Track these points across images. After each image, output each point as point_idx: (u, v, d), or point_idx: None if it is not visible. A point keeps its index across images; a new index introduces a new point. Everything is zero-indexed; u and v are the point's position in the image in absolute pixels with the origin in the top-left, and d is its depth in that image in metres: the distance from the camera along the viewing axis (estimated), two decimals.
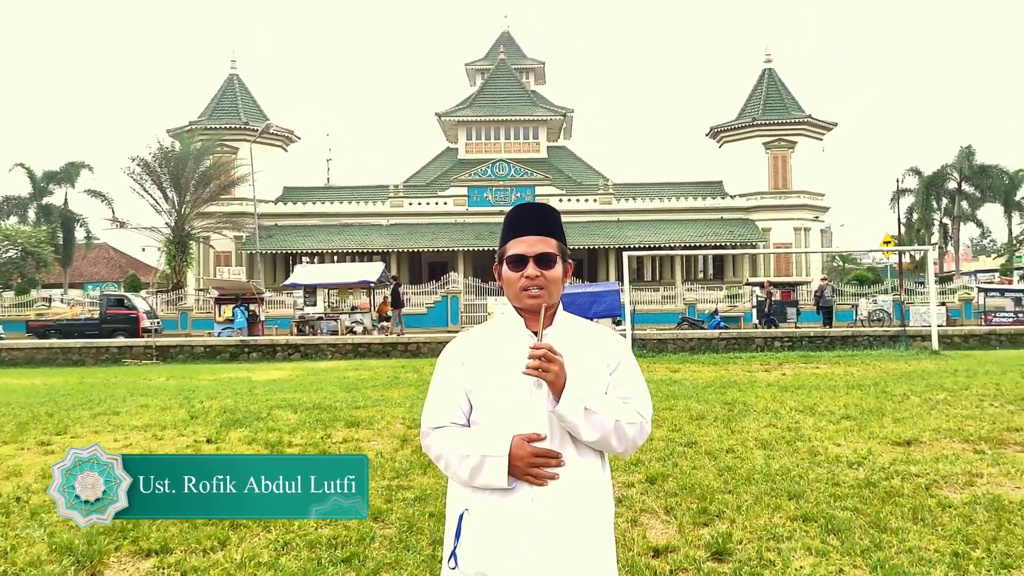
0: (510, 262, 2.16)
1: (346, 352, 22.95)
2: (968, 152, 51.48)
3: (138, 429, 8.98)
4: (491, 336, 2.21)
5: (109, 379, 16.33)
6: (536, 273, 2.11)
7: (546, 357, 1.98)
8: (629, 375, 2.19)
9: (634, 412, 2.12)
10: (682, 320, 31.19)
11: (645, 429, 2.15)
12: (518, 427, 2.05)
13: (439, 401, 2.17)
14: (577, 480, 2.06)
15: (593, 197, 46.10)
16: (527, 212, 2.21)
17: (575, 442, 2.08)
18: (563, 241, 2.21)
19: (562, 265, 2.18)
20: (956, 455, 6.71)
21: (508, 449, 2.01)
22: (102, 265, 61.09)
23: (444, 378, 2.18)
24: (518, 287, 2.13)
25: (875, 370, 15.01)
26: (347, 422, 9.19)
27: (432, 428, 2.16)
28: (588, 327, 2.26)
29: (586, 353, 2.14)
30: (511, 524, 2.02)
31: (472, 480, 2.05)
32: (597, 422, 2.03)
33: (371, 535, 4.74)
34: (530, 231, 2.16)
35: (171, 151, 39.82)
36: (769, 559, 4.23)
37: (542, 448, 2.03)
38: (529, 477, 2.01)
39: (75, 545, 4.49)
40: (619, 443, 2.08)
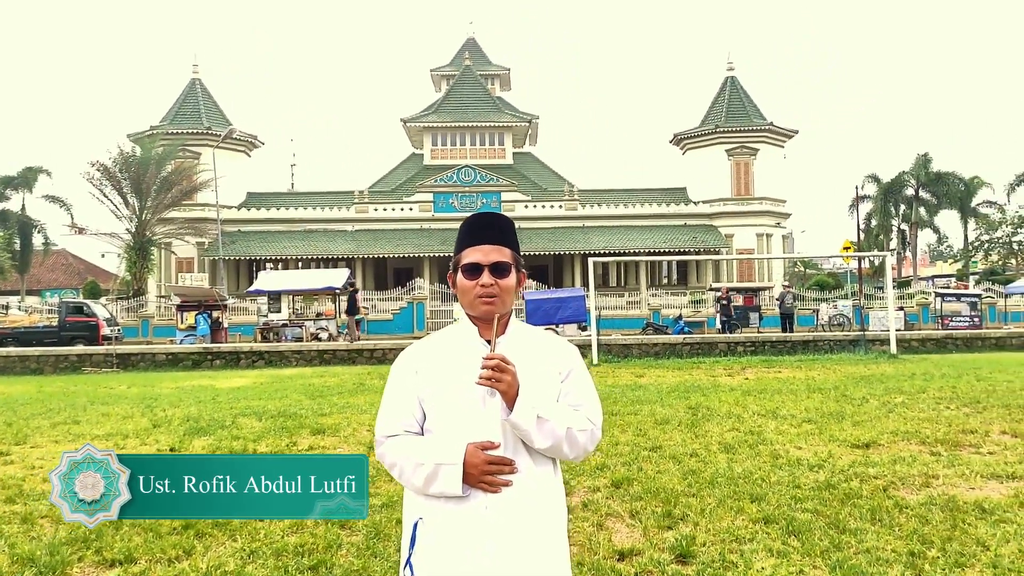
0: (465, 270, 2.18)
1: (311, 359, 22.80)
2: (925, 160, 52.57)
3: (99, 438, 8.85)
4: (444, 344, 2.23)
5: (69, 388, 16.07)
6: (491, 282, 2.14)
7: (499, 367, 2.01)
8: (580, 383, 2.23)
9: (585, 419, 2.16)
10: (647, 325, 31.45)
11: (596, 435, 2.19)
12: (472, 435, 2.07)
13: (393, 409, 2.18)
14: (530, 487, 2.09)
15: (559, 203, 46.28)
16: (482, 221, 2.24)
17: (528, 449, 2.11)
18: (517, 250, 2.25)
19: (516, 274, 2.21)
20: (913, 457, 6.86)
21: (462, 457, 2.03)
22: (60, 272, 60.03)
23: (397, 386, 2.20)
24: (473, 295, 2.16)
25: (835, 374, 15.26)
26: (312, 429, 9.15)
27: (386, 436, 2.17)
28: (540, 335, 2.30)
29: (538, 361, 2.18)
30: (466, 532, 2.04)
31: (426, 488, 2.07)
32: (549, 430, 2.07)
33: (338, 542, 4.74)
34: (485, 240, 2.20)
35: (132, 156, 39.26)
36: (732, 561, 4.30)
37: (496, 456, 2.06)
38: (483, 485, 2.04)
39: (37, 556, 4.44)
40: (571, 450, 2.13)
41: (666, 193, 48.57)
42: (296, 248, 43.32)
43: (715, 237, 44.70)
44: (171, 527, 5.09)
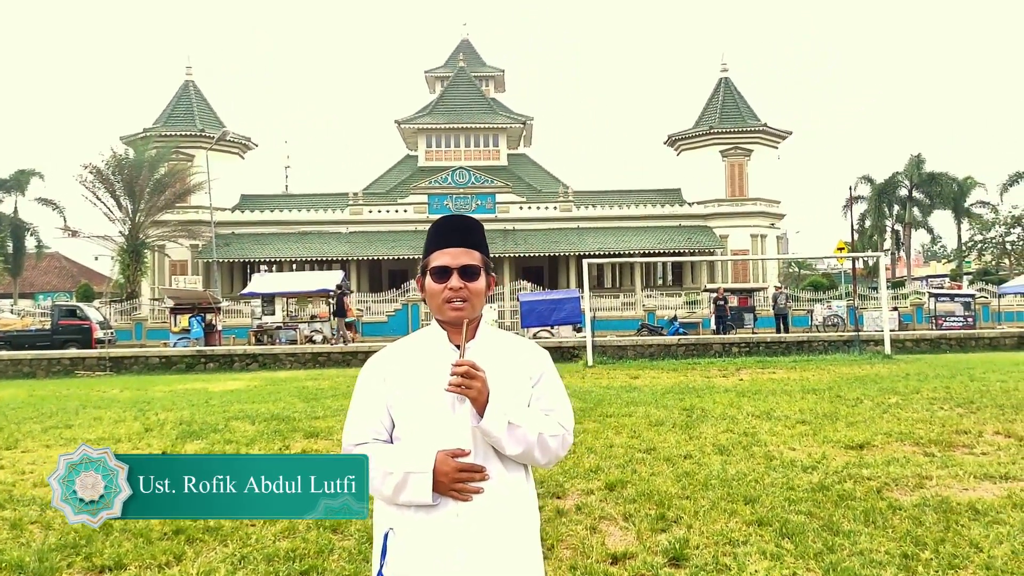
0: (434, 274, 2.15)
1: (305, 362, 22.75)
2: (918, 160, 52.70)
3: (91, 442, 8.80)
4: (413, 350, 2.19)
5: (61, 391, 15.99)
6: (460, 285, 2.11)
7: (468, 374, 1.98)
8: (551, 387, 2.20)
9: (556, 424, 2.13)
10: (642, 327, 31.45)
11: (567, 440, 2.16)
12: (441, 442, 2.04)
13: (360, 417, 2.15)
14: (502, 493, 2.07)
15: (553, 204, 46.29)
16: (451, 224, 2.20)
17: (499, 456, 2.08)
18: (487, 253, 2.22)
19: (485, 278, 2.18)
20: (907, 458, 6.86)
21: (432, 465, 2.00)
22: (53, 275, 59.82)
23: (365, 393, 2.17)
24: (441, 299, 2.13)
25: (830, 375, 15.26)
26: (306, 433, 9.12)
27: (354, 444, 2.14)
28: (510, 339, 2.27)
29: (508, 366, 2.15)
30: (437, 541, 2.01)
31: (396, 497, 2.04)
32: (520, 436, 2.05)
33: (330, 547, 4.72)
34: (454, 243, 2.16)
35: (125, 158, 39.21)
36: (725, 564, 4.29)
37: (466, 463, 2.03)
38: (454, 493, 2.01)
39: (26, 563, 4.41)
40: (542, 455, 2.10)
41: (661, 194, 48.62)
42: (290, 250, 43.26)
43: (710, 238, 44.75)
44: (161, 532, 5.06)
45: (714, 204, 46.24)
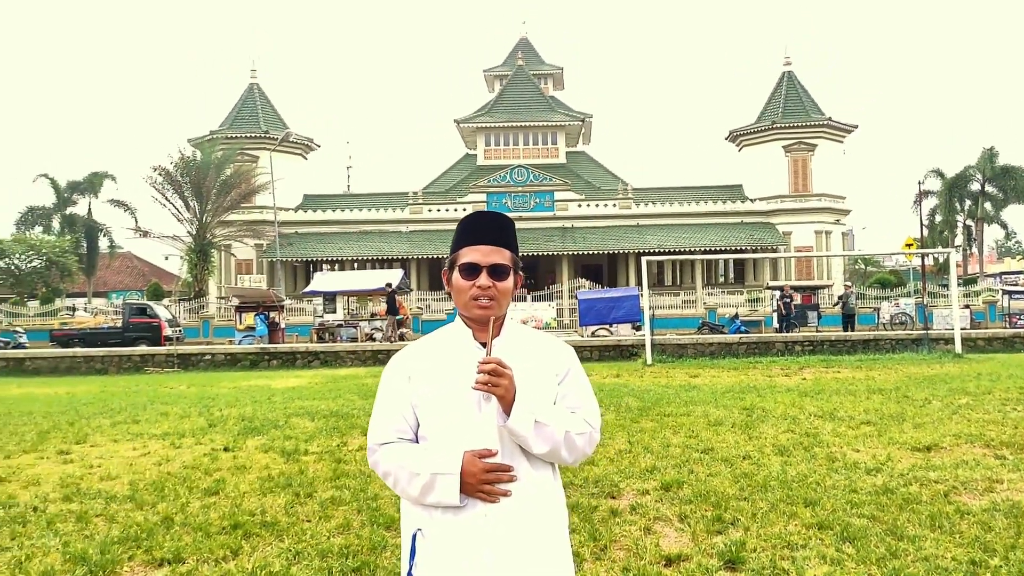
0: (463, 270, 2.12)
1: (365, 359, 23.00)
2: (991, 153, 51.00)
3: (156, 437, 9.04)
4: (438, 348, 2.17)
5: (130, 387, 16.47)
6: (489, 283, 2.08)
7: (495, 372, 1.95)
8: (577, 385, 2.17)
9: (583, 422, 2.10)
10: (702, 325, 31.06)
11: (594, 439, 2.13)
12: (468, 441, 2.02)
13: (385, 416, 2.13)
14: (530, 493, 2.04)
15: (612, 202, 46.00)
16: (483, 221, 2.17)
17: (526, 454, 2.06)
18: (516, 252, 2.20)
19: (514, 277, 2.16)
20: (977, 461, 6.61)
21: (459, 466, 1.98)
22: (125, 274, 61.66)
23: (390, 392, 2.14)
24: (468, 296, 2.10)
25: (897, 374, 14.85)
26: (363, 430, 9.20)
27: (379, 444, 2.11)
28: (536, 336, 2.24)
29: (534, 363, 2.12)
30: (465, 542, 1.99)
31: (423, 498, 2.02)
32: (548, 434, 2.02)
33: (383, 544, 4.74)
34: (485, 240, 2.13)
35: (192, 160, 40.24)
36: (783, 568, 4.18)
37: (494, 463, 2.01)
38: (481, 494, 1.99)
39: (89, 555, 4.53)
40: (569, 454, 2.07)
41: (722, 190, 47.95)
42: (351, 249, 43.84)
43: (772, 235, 43.97)
44: (220, 526, 5.16)
45: (777, 200, 45.41)
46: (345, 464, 7.16)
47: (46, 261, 45.70)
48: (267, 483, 6.45)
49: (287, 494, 6.05)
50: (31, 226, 50.02)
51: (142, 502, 5.89)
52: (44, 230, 50.32)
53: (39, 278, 46.18)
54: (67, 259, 45.82)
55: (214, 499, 5.97)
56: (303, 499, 5.91)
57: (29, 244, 45.98)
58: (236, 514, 5.44)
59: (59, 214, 50.64)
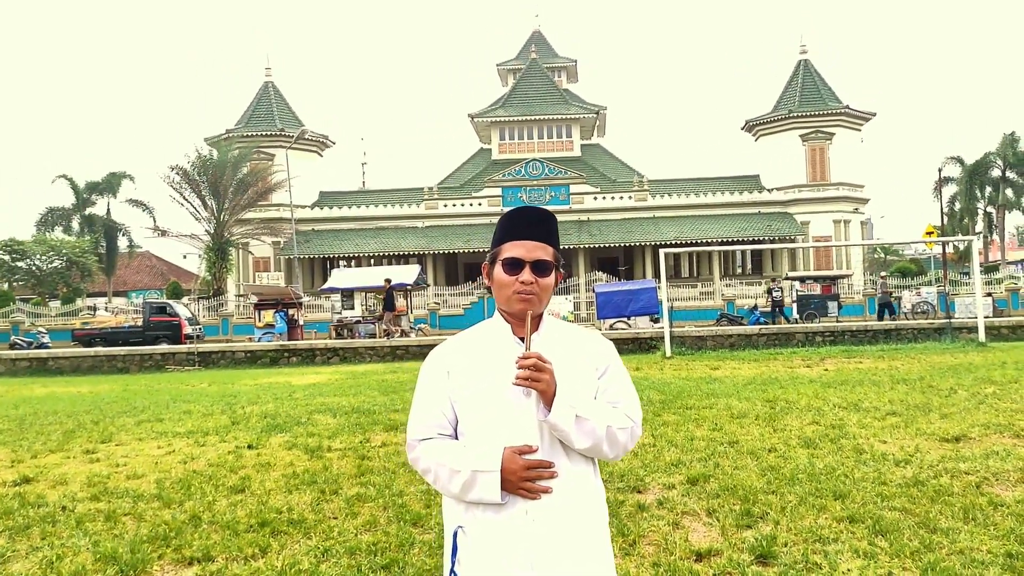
0: (506, 264, 2.10)
1: (384, 355, 23.05)
2: (1012, 139, 50.47)
3: (181, 436, 9.08)
4: (477, 343, 2.15)
5: (153, 386, 16.58)
6: (532, 279, 2.07)
7: (535, 367, 1.94)
8: (618, 379, 2.15)
9: (624, 416, 2.09)
10: (721, 316, 30.90)
11: (636, 433, 2.12)
12: (508, 437, 2.01)
13: (424, 412, 2.12)
14: (571, 489, 2.02)
15: (628, 194, 45.85)
16: (528, 216, 2.15)
17: (567, 450, 2.04)
18: (558, 249, 2.18)
19: (555, 274, 2.14)
20: (1007, 451, 6.52)
21: (500, 463, 1.97)
22: (145, 273, 62.14)
23: (429, 388, 2.14)
24: (511, 291, 2.08)
25: (920, 364, 14.72)
26: (385, 426, 9.21)
27: (418, 440, 2.11)
28: (574, 331, 2.21)
29: (574, 358, 2.10)
30: (507, 539, 1.98)
31: (464, 495, 2.01)
32: (589, 429, 2.00)
33: (411, 540, 4.73)
34: (530, 236, 2.11)
35: (209, 159, 40.47)
36: (815, 562, 4.13)
37: (534, 460, 1.99)
38: (522, 491, 1.97)
39: (119, 554, 4.54)
40: (611, 449, 2.05)
41: (738, 181, 47.68)
42: (368, 245, 43.94)
43: (790, 225, 43.69)
44: (247, 524, 5.17)
45: (794, 190, 45.12)
46: (369, 461, 7.16)
47: (66, 261, 46.12)
48: (292, 480, 6.45)
49: (313, 491, 6.05)
50: (51, 227, 50.49)
51: (169, 500, 5.91)
52: (64, 230, 50.79)
53: (60, 278, 46.60)
54: (87, 259, 46.23)
55: (240, 497, 5.99)
56: (329, 496, 5.91)
57: (50, 245, 46.41)
58: (263, 512, 5.45)
59: (78, 214, 51.10)
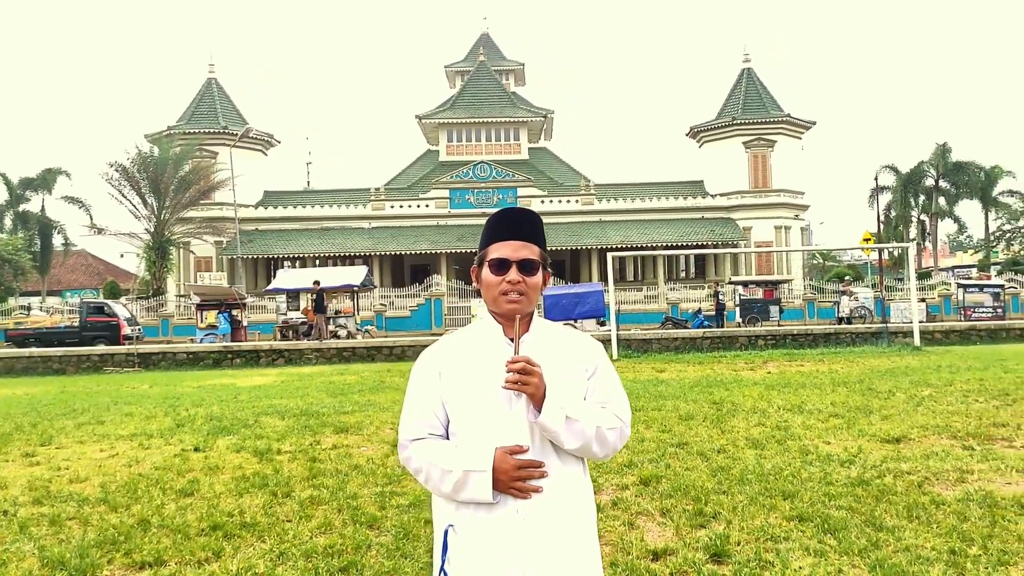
0: (492, 265, 2.12)
1: (330, 357, 22.84)
2: (944, 149, 52.05)
3: (124, 438, 8.88)
4: (467, 344, 2.16)
5: (91, 388, 16.17)
6: (519, 279, 2.08)
7: (524, 370, 1.96)
8: (607, 380, 2.17)
9: (614, 417, 2.11)
10: (666, 320, 31.31)
11: (625, 433, 2.14)
12: (499, 438, 2.02)
13: (416, 412, 2.13)
14: (561, 489, 2.05)
15: (575, 198, 46.14)
16: (513, 216, 2.17)
17: (557, 450, 2.06)
18: (545, 249, 2.19)
19: (542, 273, 2.16)
20: (946, 452, 6.75)
21: (492, 463, 1.98)
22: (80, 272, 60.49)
23: (420, 388, 2.14)
24: (498, 291, 2.10)
25: (859, 367, 15.12)
26: (335, 428, 9.14)
27: (410, 440, 2.11)
28: (563, 332, 2.24)
29: (563, 359, 2.12)
30: (498, 538, 1.99)
31: (455, 495, 2.02)
32: (579, 430, 2.02)
33: (367, 543, 4.71)
34: (515, 236, 2.13)
35: (150, 156, 39.52)
36: (768, 560, 4.23)
37: (525, 459, 2.01)
38: (513, 490, 1.99)
39: (67, 559, 4.43)
40: (600, 449, 2.08)
41: (683, 186, 48.32)
42: (313, 246, 43.43)
43: (733, 230, 44.44)
44: (199, 528, 5.08)
45: (737, 196, 45.90)
46: (320, 463, 7.10)
47: None
48: (242, 483, 6.36)
49: (264, 494, 5.97)
50: None
51: (116, 504, 5.78)
52: None
53: None
54: (20, 257, 44.80)
55: (190, 500, 5.88)
56: (281, 499, 5.84)
57: None
58: (214, 515, 5.36)
59: (11, 211, 49.49)
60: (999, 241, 57.00)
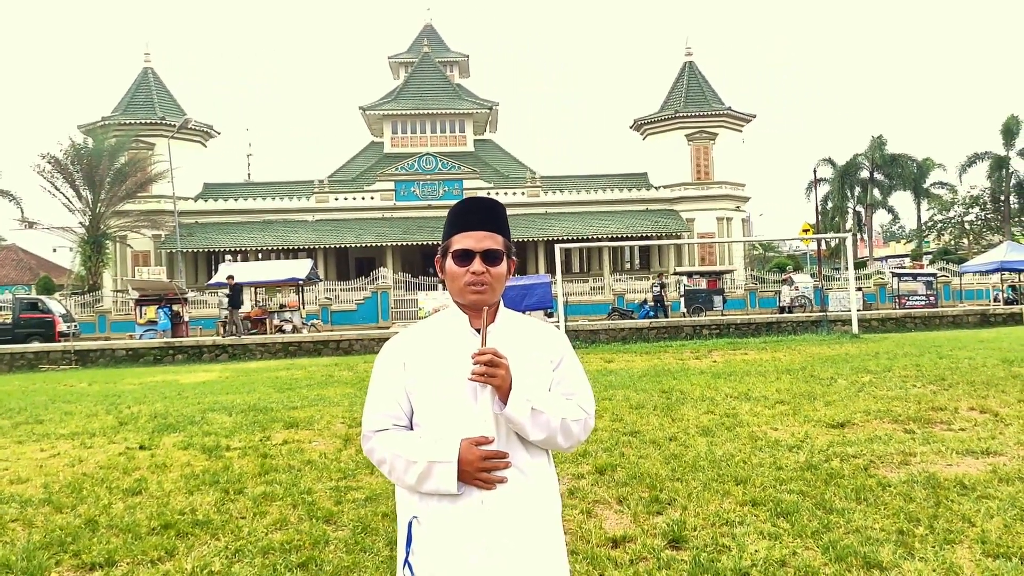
0: (456, 256, 2.10)
1: (276, 352, 22.52)
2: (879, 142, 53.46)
3: (65, 438, 8.63)
4: (432, 335, 2.14)
5: (27, 386, 15.68)
6: (483, 269, 2.07)
7: (491, 362, 1.95)
8: (572, 371, 2.18)
9: (578, 408, 2.12)
10: (612, 310, 31.59)
11: (589, 424, 2.15)
12: (464, 429, 2.01)
13: (380, 403, 2.10)
14: (526, 480, 2.04)
15: (521, 190, 46.19)
16: (476, 206, 2.16)
17: (522, 442, 2.06)
18: (509, 238, 2.18)
19: (507, 262, 2.15)
20: (889, 435, 6.94)
21: (457, 454, 1.97)
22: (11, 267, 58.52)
23: (384, 379, 2.12)
24: (463, 282, 2.08)
25: (801, 355, 15.44)
26: (286, 423, 9.02)
27: (373, 431, 2.08)
28: (529, 323, 2.23)
29: (529, 350, 2.12)
30: (462, 529, 1.98)
31: (419, 486, 2.00)
32: (544, 421, 2.02)
33: (325, 538, 4.66)
34: (478, 226, 2.11)
35: (84, 148, 38.36)
36: (724, 544, 4.30)
37: (490, 451, 2.00)
38: (478, 481, 1.98)
39: (12, 562, 4.30)
40: (565, 440, 2.08)
41: (627, 179, 48.72)
42: (256, 239, 42.71)
43: (676, 221, 44.97)
44: (149, 527, 4.97)
45: (680, 188, 46.44)
46: (272, 459, 6.99)
47: None
48: (192, 481, 6.24)
49: (215, 491, 5.87)
50: None
51: (60, 505, 5.62)
52: None
53: None
54: None
55: (138, 499, 5.75)
56: (233, 496, 5.75)
57: None
58: (165, 514, 5.25)
59: None
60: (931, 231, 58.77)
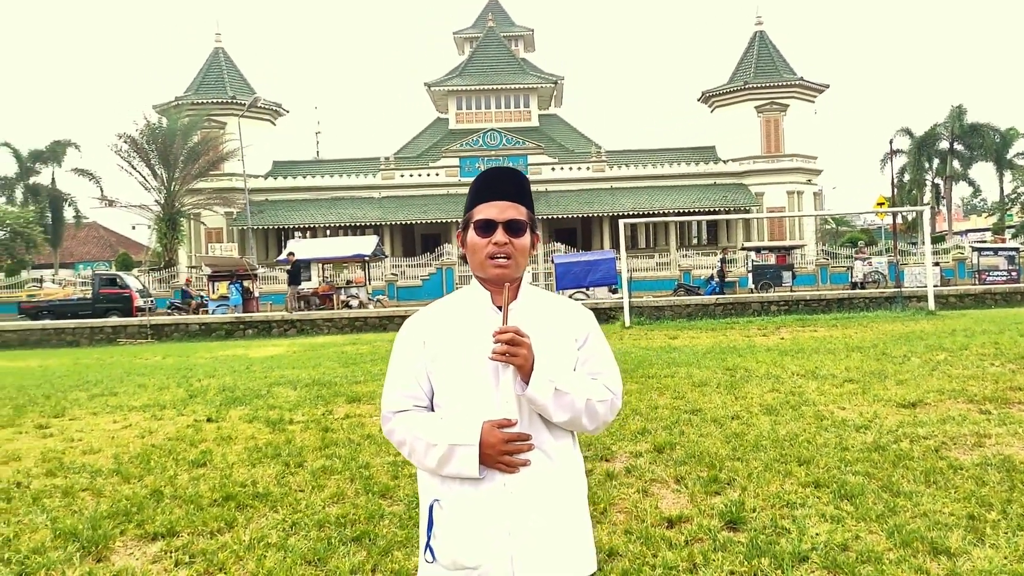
0: (478, 227, 2.01)
1: (342, 327, 22.88)
2: (959, 111, 51.40)
3: (137, 410, 8.90)
4: (453, 312, 2.07)
5: (104, 359, 16.24)
6: (505, 240, 1.98)
7: (512, 341, 1.86)
8: (598, 349, 2.08)
9: (604, 389, 2.02)
10: (678, 286, 31.19)
11: (615, 405, 2.05)
12: (485, 410, 1.94)
13: (400, 383, 2.04)
14: (549, 462, 1.97)
15: (586, 165, 45.84)
16: (498, 176, 2.06)
17: (545, 423, 1.98)
18: (532, 210, 2.08)
19: (530, 235, 2.05)
20: (963, 416, 6.68)
21: (479, 437, 1.90)
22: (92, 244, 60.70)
23: (404, 358, 2.05)
24: (484, 254, 2.00)
25: (873, 332, 15.01)
26: (348, 397, 9.14)
27: (393, 412, 2.03)
28: (553, 300, 2.14)
29: (553, 328, 2.02)
30: (484, 512, 1.93)
31: (440, 469, 1.94)
32: (568, 403, 1.93)
33: (380, 512, 4.68)
34: (501, 196, 2.02)
35: (158, 127, 39.41)
36: (784, 527, 4.17)
37: (513, 433, 1.93)
38: (501, 465, 1.92)
39: (79, 530, 4.42)
40: (590, 422, 1.99)
41: (695, 152, 47.93)
42: (324, 216, 43.38)
43: (745, 196, 44.11)
44: (211, 499, 5.07)
45: (749, 161, 45.49)
46: (333, 433, 7.08)
47: (10, 232, 44.81)
48: (255, 454, 6.36)
49: (277, 464, 5.97)
50: None
51: (128, 475, 5.78)
52: (7, 201, 49.31)
53: (3, 250, 45.30)
54: (32, 230, 44.98)
55: (202, 471, 5.88)
56: (293, 469, 5.83)
57: None
58: (227, 486, 5.36)
59: (22, 184, 49.64)
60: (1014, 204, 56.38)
